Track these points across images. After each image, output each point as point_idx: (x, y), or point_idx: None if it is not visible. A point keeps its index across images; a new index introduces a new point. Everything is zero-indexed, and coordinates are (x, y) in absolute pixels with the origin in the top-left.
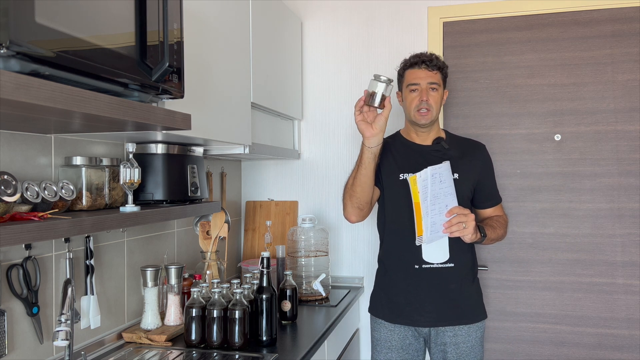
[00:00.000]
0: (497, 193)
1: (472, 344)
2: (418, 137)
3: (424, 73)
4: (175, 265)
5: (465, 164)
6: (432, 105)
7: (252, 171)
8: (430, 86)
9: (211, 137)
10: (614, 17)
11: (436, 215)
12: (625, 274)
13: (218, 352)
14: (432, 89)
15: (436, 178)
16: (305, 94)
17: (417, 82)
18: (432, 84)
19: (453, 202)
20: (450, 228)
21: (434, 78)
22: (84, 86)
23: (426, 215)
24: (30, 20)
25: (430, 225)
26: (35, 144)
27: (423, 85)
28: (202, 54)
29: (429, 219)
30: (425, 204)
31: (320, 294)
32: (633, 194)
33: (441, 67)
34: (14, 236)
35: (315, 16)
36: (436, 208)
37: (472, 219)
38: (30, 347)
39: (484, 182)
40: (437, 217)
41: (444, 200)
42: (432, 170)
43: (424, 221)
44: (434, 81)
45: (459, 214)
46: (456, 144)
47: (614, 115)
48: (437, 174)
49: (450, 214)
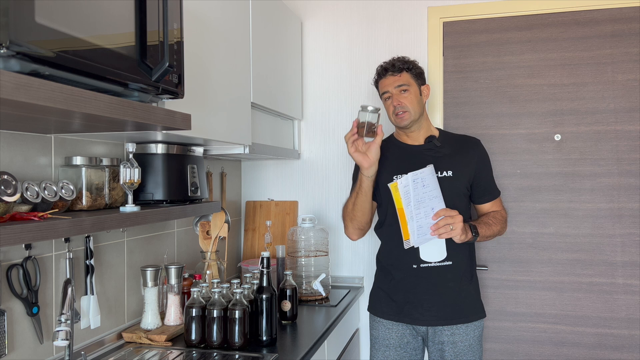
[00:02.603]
0: (494, 187)
1: (470, 343)
2: (409, 138)
3: (390, 80)
4: (175, 265)
5: (460, 160)
6: (407, 106)
7: (252, 171)
8: (400, 89)
9: (211, 137)
10: (614, 17)
11: (422, 218)
12: (625, 274)
13: (218, 352)
14: (402, 91)
15: (418, 183)
16: (305, 94)
17: (387, 90)
18: (400, 86)
19: (439, 204)
20: (437, 230)
21: (401, 80)
22: (84, 86)
23: (411, 220)
24: (30, 20)
25: (417, 229)
26: (35, 144)
27: (392, 91)
28: (202, 54)
29: (414, 223)
30: (409, 208)
31: (320, 294)
32: (633, 194)
33: (406, 67)
34: (14, 236)
35: (315, 16)
36: (422, 212)
37: (459, 220)
38: (30, 347)
39: (480, 176)
40: (424, 220)
41: (429, 203)
42: (413, 176)
43: (410, 225)
44: (401, 83)
45: (445, 216)
46: (449, 141)
47: (614, 115)
48: (418, 179)
49: (437, 216)
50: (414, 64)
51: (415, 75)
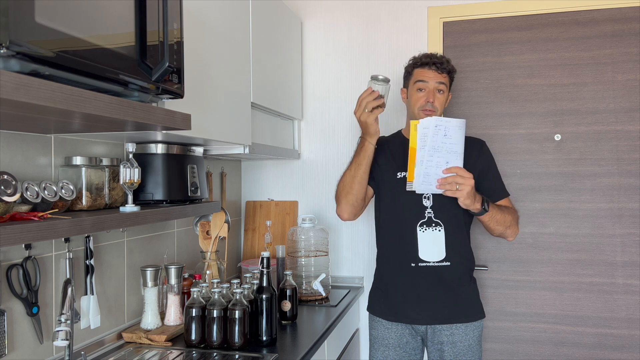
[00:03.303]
0: (502, 187)
1: (470, 343)
2: None
3: (433, 74)
4: (175, 265)
5: (465, 163)
6: (437, 107)
7: (252, 171)
8: (438, 87)
9: (211, 137)
10: (614, 17)
11: (432, 167)
12: (625, 274)
13: (218, 352)
14: (439, 90)
15: (440, 130)
16: (305, 94)
17: (425, 81)
18: (440, 83)
19: (456, 161)
20: (443, 185)
21: (443, 79)
22: (84, 86)
23: (420, 164)
24: (30, 20)
25: (423, 176)
26: (35, 144)
27: (431, 86)
28: (202, 54)
29: (422, 168)
30: (422, 152)
31: (320, 294)
32: (633, 194)
33: (450, 70)
34: (14, 236)
35: (315, 16)
36: (434, 160)
37: (470, 183)
38: (30, 347)
39: (486, 177)
40: (433, 169)
41: (445, 155)
42: (437, 121)
43: (417, 169)
44: (442, 81)
45: (458, 174)
46: None
47: (614, 115)
48: (442, 126)
49: (449, 172)
50: (455, 71)
51: (451, 81)
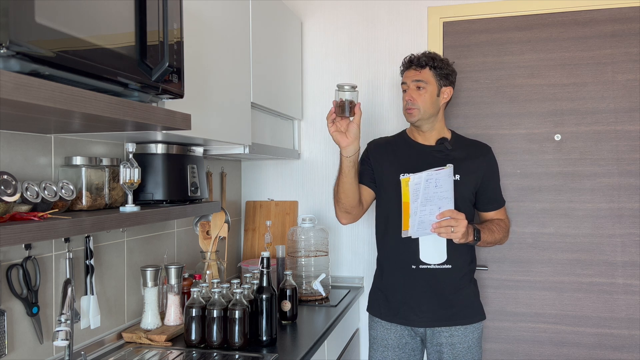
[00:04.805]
0: (500, 197)
1: (469, 345)
2: (420, 136)
3: (411, 73)
4: (175, 265)
5: (468, 166)
6: (419, 104)
7: (252, 171)
8: (416, 84)
9: (211, 137)
10: (614, 17)
11: (426, 215)
12: (625, 274)
13: (218, 352)
14: (417, 87)
15: (431, 183)
16: (305, 94)
17: (405, 82)
18: (417, 81)
19: (448, 205)
20: (438, 229)
21: (419, 76)
22: (84, 86)
23: (414, 215)
24: (30, 20)
25: (418, 224)
26: (35, 144)
27: (409, 85)
28: (202, 54)
29: (416, 218)
30: (415, 204)
31: (320, 294)
32: (633, 194)
33: (431, 64)
34: (14, 236)
35: (315, 16)
36: (427, 209)
37: (463, 224)
38: (30, 347)
39: (487, 184)
40: (427, 217)
41: (437, 202)
42: (428, 176)
43: (411, 219)
44: (419, 79)
45: (451, 217)
46: (461, 145)
47: (614, 115)
48: (432, 179)
49: (442, 216)
50: (442, 63)
51: (440, 74)
